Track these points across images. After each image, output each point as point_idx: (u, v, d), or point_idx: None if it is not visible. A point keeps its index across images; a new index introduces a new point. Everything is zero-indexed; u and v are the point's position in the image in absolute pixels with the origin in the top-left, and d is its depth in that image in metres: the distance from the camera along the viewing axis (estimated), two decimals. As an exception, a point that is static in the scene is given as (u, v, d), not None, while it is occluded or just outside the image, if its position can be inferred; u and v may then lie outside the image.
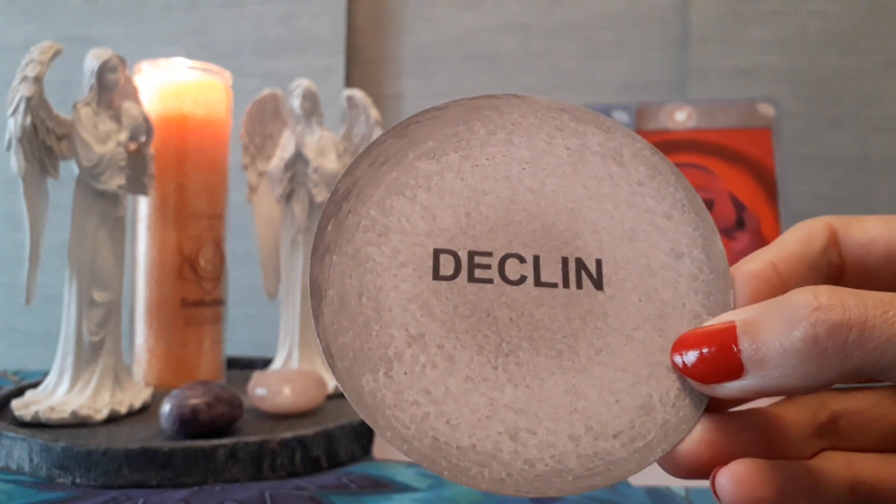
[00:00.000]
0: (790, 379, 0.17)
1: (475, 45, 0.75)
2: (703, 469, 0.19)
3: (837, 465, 0.20)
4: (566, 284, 0.20)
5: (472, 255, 0.20)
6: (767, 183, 0.55)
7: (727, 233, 0.54)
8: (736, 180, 0.55)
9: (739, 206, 0.55)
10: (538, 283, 0.20)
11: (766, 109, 0.57)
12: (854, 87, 0.67)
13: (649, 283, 0.21)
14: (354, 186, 0.21)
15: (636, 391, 0.19)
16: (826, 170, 0.67)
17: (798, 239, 0.21)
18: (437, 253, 0.20)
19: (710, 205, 0.55)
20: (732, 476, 0.18)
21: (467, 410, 0.18)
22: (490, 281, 0.20)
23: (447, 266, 0.20)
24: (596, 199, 0.22)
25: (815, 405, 0.20)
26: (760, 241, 0.54)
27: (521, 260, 0.20)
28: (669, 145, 0.58)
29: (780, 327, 0.17)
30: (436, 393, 0.19)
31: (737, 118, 0.57)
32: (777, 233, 0.53)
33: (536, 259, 0.20)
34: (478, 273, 0.20)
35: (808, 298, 0.17)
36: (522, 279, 0.20)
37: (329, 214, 0.20)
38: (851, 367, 0.16)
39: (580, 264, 0.21)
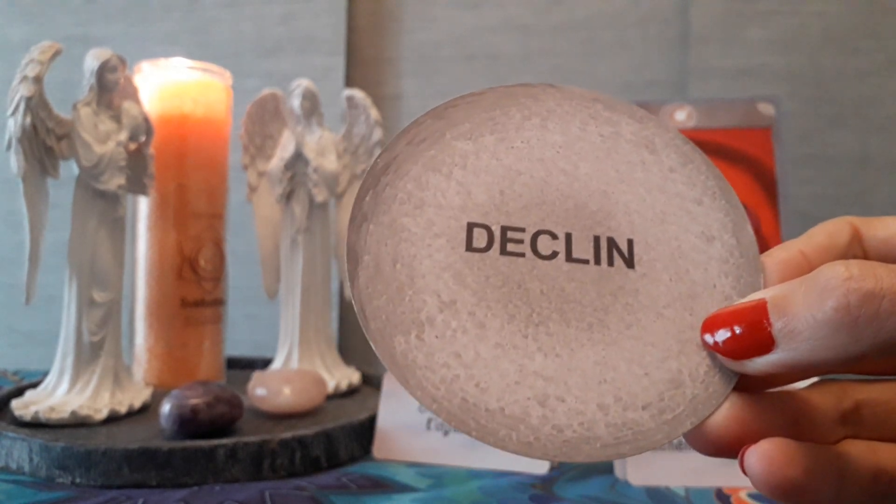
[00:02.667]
0: (822, 350, 0.17)
1: (475, 46, 0.75)
2: (731, 445, 0.19)
3: (861, 451, 0.20)
4: (598, 261, 0.21)
5: (504, 229, 0.21)
6: (767, 183, 0.55)
7: (727, 233, 0.54)
8: (736, 180, 0.55)
9: (739, 206, 0.55)
10: (570, 258, 0.21)
11: (767, 109, 0.57)
12: (854, 87, 0.67)
13: (680, 263, 0.21)
14: (393, 162, 0.21)
15: (666, 366, 0.19)
16: (826, 170, 0.67)
17: (824, 233, 0.21)
18: (470, 226, 0.21)
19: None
20: (762, 455, 0.18)
21: (497, 375, 0.19)
22: (522, 255, 0.20)
23: (480, 239, 0.20)
24: (628, 183, 0.22)
25: (838, 393, 0.20)
26: (760, 240, 0.53)
27: (554, 236, 0.21)
28: (669, 145, 0.58)
29: (811, 299, 0.17)
30: (466, 357, 0.19)
31: (737, 118, 0.57)
32: (777, 232, 0.53)
33: (569, 236, 0.21)
34: (510, 247, 0.20)
35: (840, 270, 0.17)
36: (554, 254, 0.21)
37: (367, 186, 0.21)
38: (884, 337, 0.16)
39: (612, 243, 0.21)
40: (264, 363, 0.57)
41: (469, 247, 0.20)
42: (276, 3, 0.76)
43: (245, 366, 0.59)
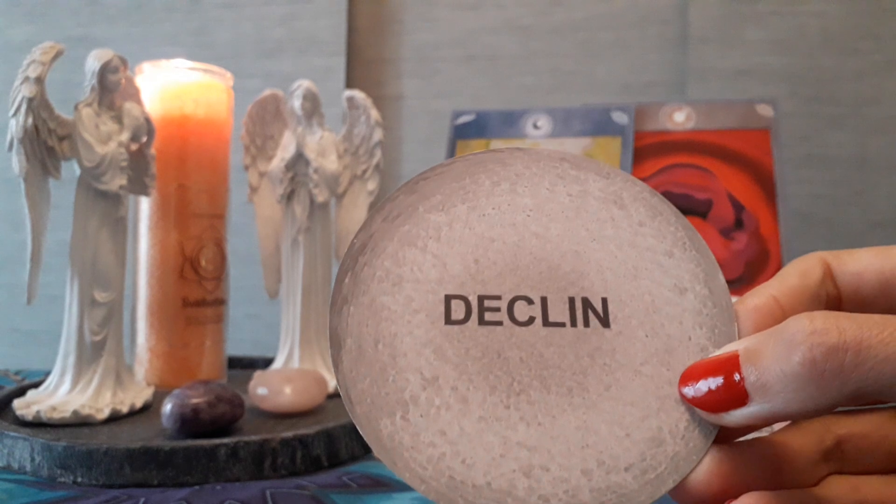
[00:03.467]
0: (794, 403, 0.17)
1: (475, 46, 0.75)
2: (714, 500, 0.19)
3: (843, 490, 0.20)
4: (574, 323, 0.21)
5: (481, 299, 0.21)
6: (766, 183, 0.55)
7: (726, 233, 0.54)
8: (735, 181, 0.55)
9: (738, 207, 0.55)
10: (546, 323, 0.21)
11: (765, 110, 0.57)
12: (852, 87, 0.67)
13: (655, 318, 0.21)
14: (370, 240, 0.22)
15: (646, 424, 0.20)
16: (824, 170, 0.68)
17: (796, 273, 0.21)
18: (448, 299, 0.21)
19: (709, 205, 0.55)
20: None
21: (482, 449, 0.19)
22: (500, 323, 0.21)
23: (458, 311, 0.21)
24: (599, 241, 0.22)
25: (819, 431, 0.20)
26: (759, 241, 0.54)
27: (530, 302, 0.21)
28: (668, 146, 0.58)
29: (779, 353, 0.17)
30: (451, 434, 0.19)
31: (735, 119, 0.57)
32: (776, 233, 0.54)
33: (544, 300, 0.21)
34: (488, 316, 0.21)
35: (805, 324, 0.17)
36: (531, 320, 0.21)
37: (346, 268, 0.21)
38: (851, 388, 0.17)
39: (586, 303, 0.21)
40: (265, 363, 0.57)
41: (448, 320, 0.21)
42: (277, 4, 0.77)
43: (246, 365, 0.60)
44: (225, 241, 0.54)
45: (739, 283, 0.52)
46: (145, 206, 0.52)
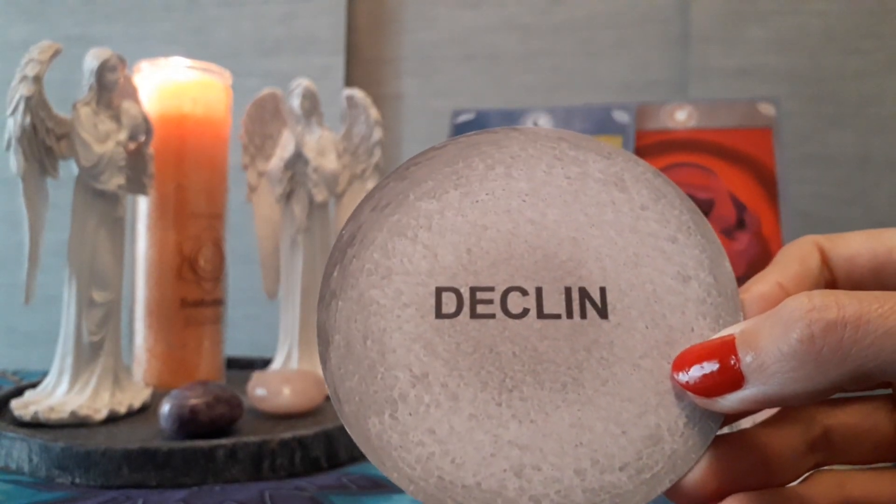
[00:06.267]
0: (791, 383, 0.17)
1: (475, 45, 0.75)
2: (709, 499, 0.19)
3: (829, 486, 0.20)
4: (570, 315, 0.20)
5: (473, 290, 0.20)
6: (768, 183, 0.55)
7: (728, 233, 0.54)
8: (736, 180, 0.55)
9: (740, 206, 0.55)
10: (541, 315, 0.20)
11: (767, 109, 0.56)
12: (855, 86, 0.67)
13: (656, 308, 0.20)
14: (358, 231, 0.21)
15: (643, 421, 0.19)
16: (827, 169, 0.67)
17: (795, 258, 0.21)
18: (438, 291, 0.20)
19: (710, 205, 0.55)
20: None
21: (472, 448, 0.19)
22: (492, 316, 0.20)
23: (449, 304, 0.20)
24: (598, 227, 0.21)
25: (806, 421, 0.20)
26: (761, 241, 0.53)
27: (524, 293, 0.20)
28: (670, 145, 0.58)
29: (777, 332, 0.17)
30: (440, 432, 0.19)
31: (737, 118, 0.57)
32: (778, 233, 0.53)
33: (539, 291, 0.20)
34: (480, 309, 0.20)
35: (803, 301, 0.17)
36: (525, 312, 0.20)
37: (334, 261, 0.21)
38: (851, 365, 0.16)
39: (584, 293, 0.20)
40: (264, 363, 0.57)
41: (438, 313, 0.20)
42: (276, 3, 0.76)
43: (245, 366, 0.59)
44: (223, 241, 0.54)
45: (741, 283, 0.52)
46: (143, 205, 0.52)
